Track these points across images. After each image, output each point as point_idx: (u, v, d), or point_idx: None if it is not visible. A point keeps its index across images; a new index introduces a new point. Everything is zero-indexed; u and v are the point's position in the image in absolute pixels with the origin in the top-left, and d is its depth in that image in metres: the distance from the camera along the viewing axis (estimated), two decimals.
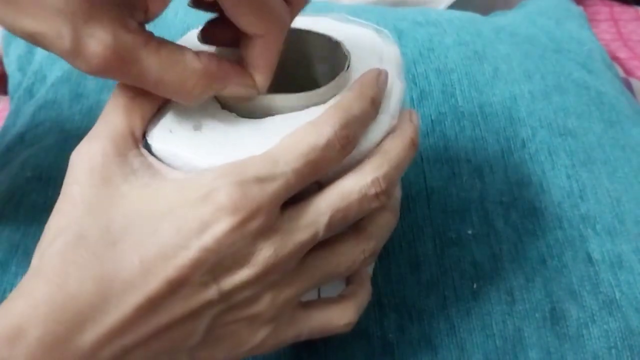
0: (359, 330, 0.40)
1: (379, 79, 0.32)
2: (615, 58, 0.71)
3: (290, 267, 0.30)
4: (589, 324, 0.41)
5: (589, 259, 0.44)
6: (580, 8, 0.70)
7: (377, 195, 0.30)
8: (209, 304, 0.28)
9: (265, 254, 0.28)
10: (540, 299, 0.42)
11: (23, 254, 0.42)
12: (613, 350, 0.40)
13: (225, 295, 0.28)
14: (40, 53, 0.57)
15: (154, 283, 0.26)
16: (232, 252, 0.27)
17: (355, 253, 0.32)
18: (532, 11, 0.66)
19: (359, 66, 0.34)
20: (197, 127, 0.31)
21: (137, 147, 0.30)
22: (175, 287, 0.27)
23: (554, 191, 0.47)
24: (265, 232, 0.28)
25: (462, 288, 0.42)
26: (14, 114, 0.56)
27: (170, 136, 0.30)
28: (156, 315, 0.27)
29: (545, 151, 0.49)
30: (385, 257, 0.43)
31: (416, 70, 0.52)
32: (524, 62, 0.55)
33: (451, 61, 0.53)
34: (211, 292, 0.28)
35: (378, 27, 0.37)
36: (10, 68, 0.61)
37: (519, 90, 0.52)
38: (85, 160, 0.29)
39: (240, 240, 0.27)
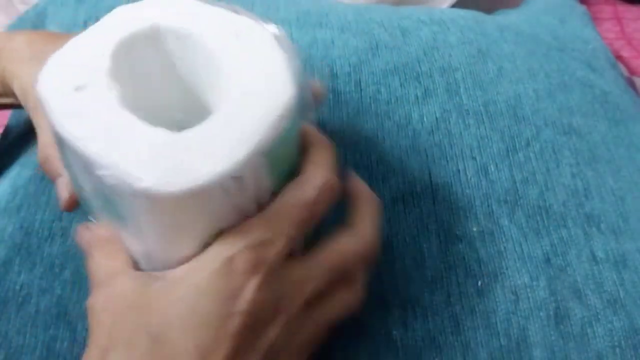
0: (362, 328, 0.40)
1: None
2: (619, 57, 0.71)
3: (306, 314, 0.33)
4: (593, 323, 0.41)
5: (593, 257, 0.44)
6: (584, 7, 0.70)
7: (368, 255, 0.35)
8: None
9: (285, 309, 0.31)
10: (545, 297, 0.42)
11: (26, 252, 0.42)
12: (617, 349, 0.40)
13: (268, 348, 0.31)
14: None
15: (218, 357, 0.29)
16: (264, 310, 0.30)
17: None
18: (536, 10, 0.66)
19: (233, 96, 0.32)
20: (79, 89, 0.31)
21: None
22: (234, 356, 0.29)
23: (558, 190, 0.47)
24: (282, 288, 0.31)
25: (467, 285, 0.42)
26: (18, 112, 0.56)
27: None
28: None
29: (549, 150, 0.49)
30: (389, 252, 0.42)
31: (420, 68, 0.52)
32: (528, 61, 0.55)
33: (455, 60, 0.53)
34: (260, 348, 0.30)
35: (297, 56, 0.35)
36: None
37: (524, 88, 0.52)
38: (109, 307, 0.31)
39: (268, 297, 0.30)
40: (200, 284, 0.30)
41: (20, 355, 0.38)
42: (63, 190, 0.38)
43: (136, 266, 0.33)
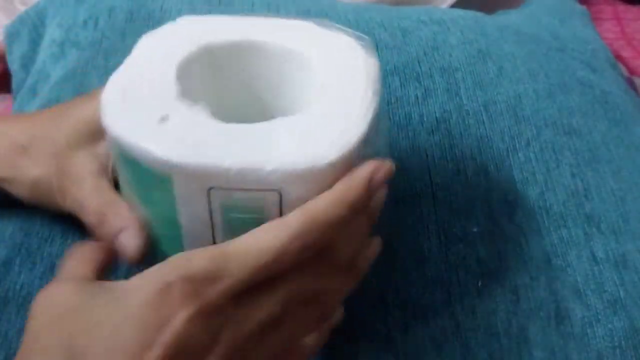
0: (363, 328, 0.40)
1: (373, 178, 0.31)
2: (619, 57, 0.71)
3: (256, 341, 0.30)
4: (594, 323, 0.41)
5: (594, 258, 0.44)
6: (584, 7, 0.70)
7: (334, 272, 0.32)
8: None
9: (225, 340, 0.28)
10: (545, 297, 0.42)
11: (26, 252, 0.42)
12: (617, 350, 0.40)
13: None
14: (43, 51, 0.57)
15: None
16: (193, 344, 0.27)
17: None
18: (536, 10, 0.66)
19: (326, 80, 0.34)
20: (164, 119, 0.31)
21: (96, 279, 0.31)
22: None
23: (558, 190, 0.47)
24: (222, 321, 0.28)
25: (467, 285, 0.42)
26: (17, 112, 0.55)
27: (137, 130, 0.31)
28: None
29: (550, 150, 0.49)
30: (389, 253, 0.42)
31: (420, 69, 0.52)
32: (528, 61, 0.55)
33: (455, 60, 0.53)
34: None
35: (360, 35, 0.36)
36: (14, 66, 0.61)
37: (524, 89, 0.52)
38: (45, 311, 0.29)
39: (200, 331, 0.27)
40: (131, 306, 0.28)
41: None
42: (131, 239, 0.34)
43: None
